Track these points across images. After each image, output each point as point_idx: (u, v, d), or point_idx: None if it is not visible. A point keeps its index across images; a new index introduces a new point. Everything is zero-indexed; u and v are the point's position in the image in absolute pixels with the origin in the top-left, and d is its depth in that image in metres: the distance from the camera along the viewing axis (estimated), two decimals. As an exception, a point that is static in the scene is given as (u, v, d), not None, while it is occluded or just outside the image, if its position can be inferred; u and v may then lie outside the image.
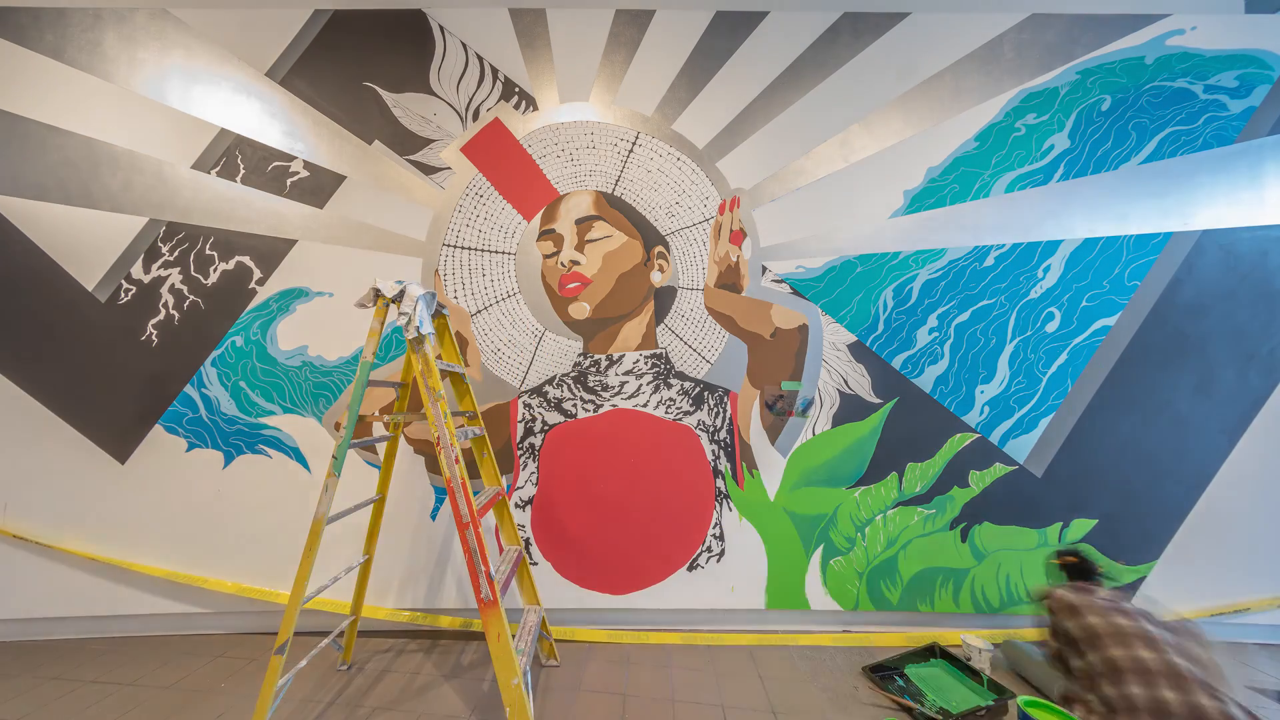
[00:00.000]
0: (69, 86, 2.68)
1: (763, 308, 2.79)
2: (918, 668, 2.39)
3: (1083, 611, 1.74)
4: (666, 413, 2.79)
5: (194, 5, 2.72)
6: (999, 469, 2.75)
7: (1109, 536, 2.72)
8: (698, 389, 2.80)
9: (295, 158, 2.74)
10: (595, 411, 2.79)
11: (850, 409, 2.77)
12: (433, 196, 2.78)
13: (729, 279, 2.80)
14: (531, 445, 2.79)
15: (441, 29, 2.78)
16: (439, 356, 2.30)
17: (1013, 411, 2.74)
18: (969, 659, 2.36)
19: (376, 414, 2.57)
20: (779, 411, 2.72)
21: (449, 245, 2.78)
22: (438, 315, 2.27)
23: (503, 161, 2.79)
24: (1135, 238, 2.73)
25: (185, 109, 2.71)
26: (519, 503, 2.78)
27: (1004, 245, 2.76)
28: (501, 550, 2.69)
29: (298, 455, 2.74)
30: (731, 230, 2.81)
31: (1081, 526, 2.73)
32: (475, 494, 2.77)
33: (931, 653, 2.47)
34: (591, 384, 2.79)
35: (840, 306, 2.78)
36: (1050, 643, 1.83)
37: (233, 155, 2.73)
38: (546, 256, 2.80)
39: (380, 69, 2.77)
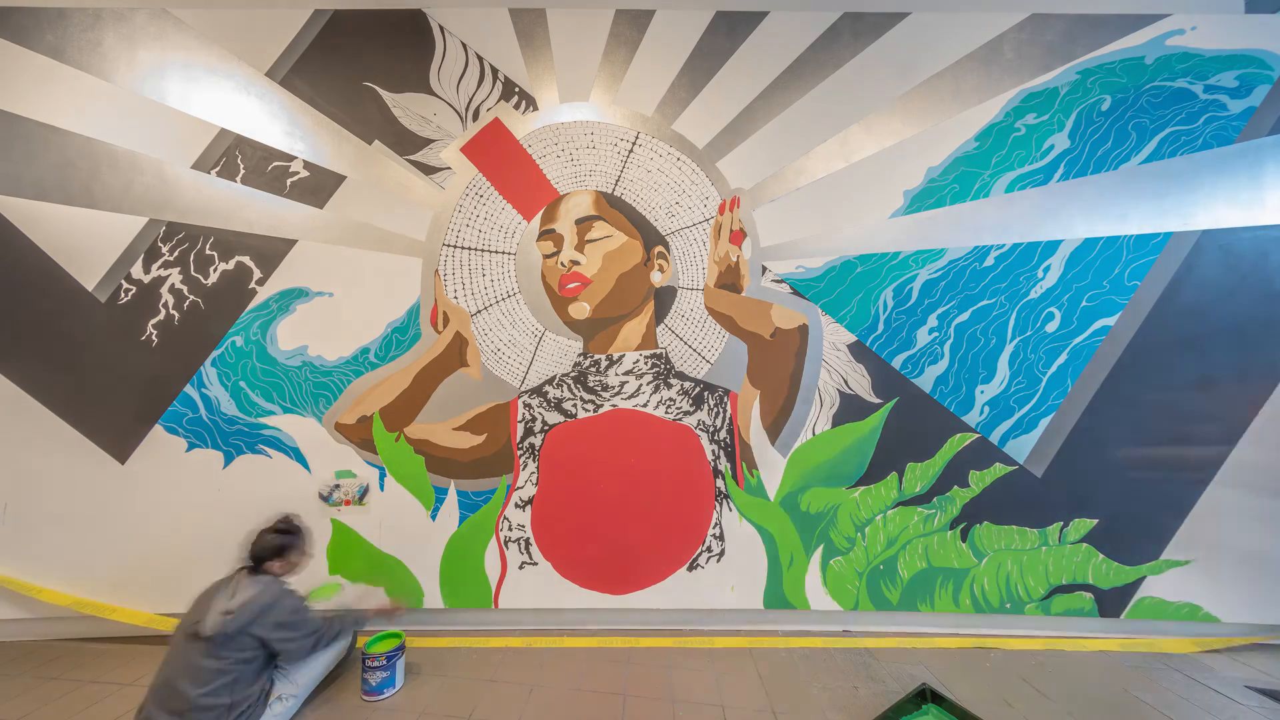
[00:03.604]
0: (69, 86, 2.68)
1: (763, 308, 2.79)
2: (912, 719, 2.11)
3: None
4: (666, 413, 2.79)
5: (194, 5, 2.72)
6: (999, 469, 2.74)
7: (1109, 536, 2.72)
8: (698, 389, 2.80)
9: (295, 158, 2.74)
10: (595, 411, 2.79)
11: (850, 409, 2.77)
12: (433, 196, 2.78)
13: (729, 279, 2.80)
14: (531, 445, 2.79)
15: (441, 29, 2.78)
16: None
17: (1013, 411, 2.74)
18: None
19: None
20: (335, 502, 2.72)
21: (449, 245, 2.78)
22: None
23: (503, 161, 2.79)
24: (1135, 238, 2.73)
25: (185, 109, 2.71)
26: (519, 503, 2.78)
27: (1004, 245, 2.76)
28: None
29: (298, 455, 2.74)
30: (731, 230, 2.81)
31: (1082, 526, 2.73)
32: (477, 495, 2.78)
33: (923, 697, 2.19)
34: (591, 384, 2.79)
35: (840, 306, 2.78)
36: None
37: (233, 155, 2.73)
38: (546, 256, 2.80)
39: (380, 69, 2.77)
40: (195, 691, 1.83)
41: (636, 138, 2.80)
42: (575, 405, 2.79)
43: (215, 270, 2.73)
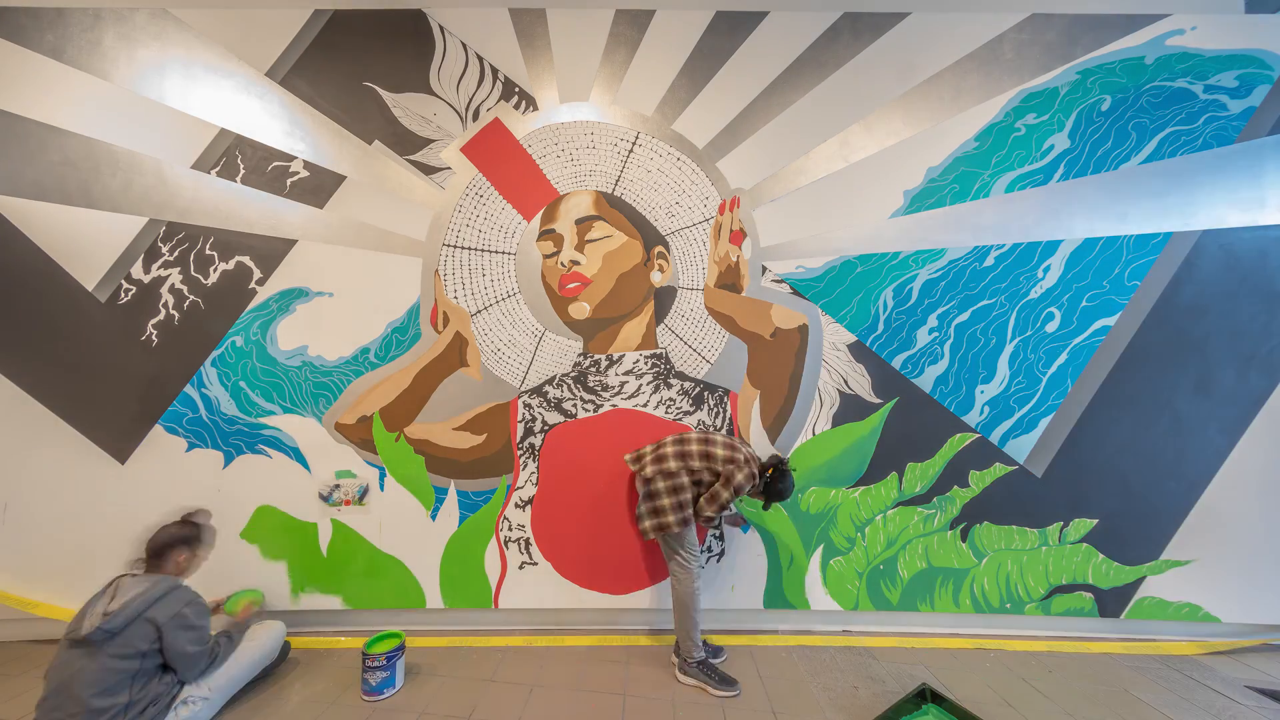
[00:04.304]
0: (69, 86, 2.68)
1: (763, 308, 2.79)
2: (912, 719, 2.10)
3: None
4: (666, 413, 2.79)
5: (194, 5, 2.72)
6: (999, 469, 2.75)
7: (1109, 536, 2.72)
8: (698, 389, 2.80)
9: (295, 158, 2.74)
10: (595, 411, 2.79)
11: (850, 409, 2.77)
12: (433, 196, 2.78)
13: (729, 279, 2.80)
14: (531, 445, 2.79)
15: (441, 29, 2.78)
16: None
17: (1013, 411, 2.74)
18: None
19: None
20: (335, 502, 2.72)
21: (449, 245, 2.78)
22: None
23: (503, 161, 2.79)
24: (1135, 238, 2.73)
25: (185, 109, 2.71)
26: (519, 503, 2.78)
27: (1004, 245, 2.76)
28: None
29: (298, 455, 2.74)
30: (731, 230, 2.81)
31: (1082, 526, 2.73)
32: (477, 495, 2.78)
33: (923, 697, 2.17)
34: (591, 384, 2.79)
35: (840, 306, 2.79)
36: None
37: (233, 155, 2.73)
38: (546, 256, 2.80)
39: (380, 69, 2.77)
40: (88, 693, 1.72)
41: (636, 138, 2.80)
42: (575, 405, 2.79)
43: (215, 270, 2.73)
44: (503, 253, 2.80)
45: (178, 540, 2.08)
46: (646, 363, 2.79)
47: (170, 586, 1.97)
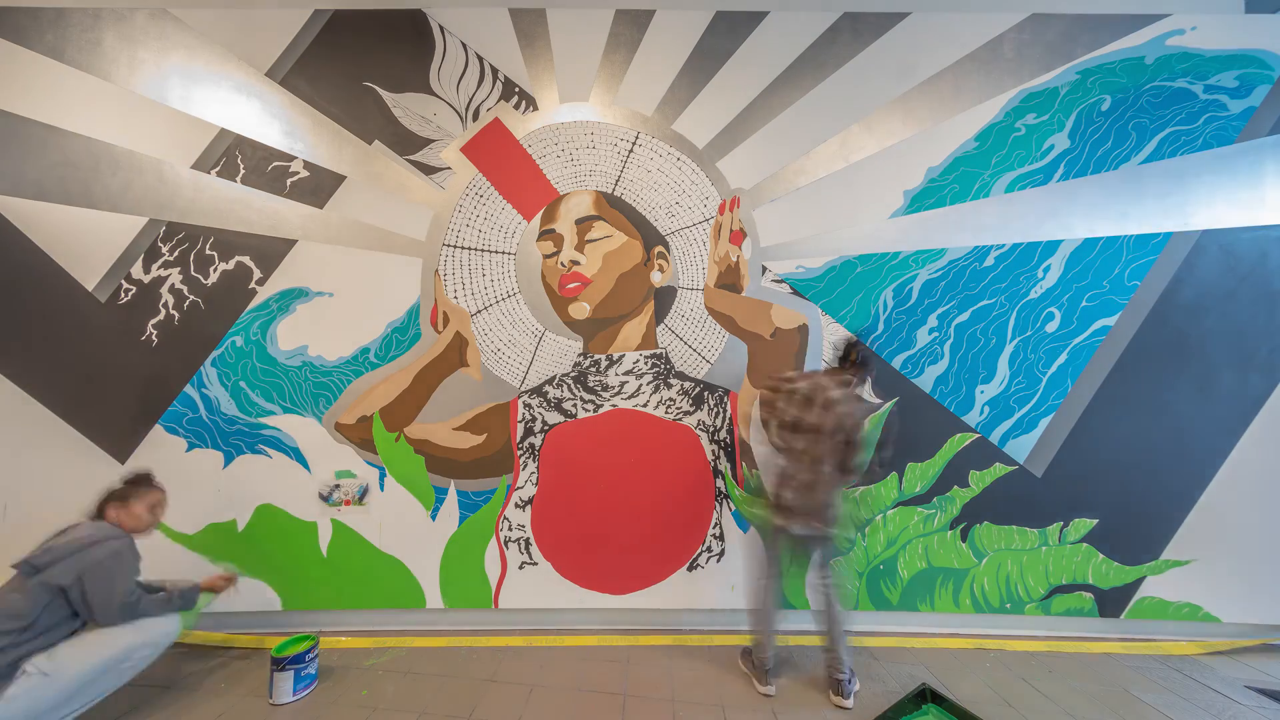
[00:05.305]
0: (69, 86, 2.68)
1: (763, 308, 2.79)
2: (912, 719, 2.10)
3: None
4: (666, 413, 2.79)
5: (194, 5, 2.72)
6: (999, 469, 2.74)
7: (1109, 536, 2.72)
8: (698, 389, 2.80)
9: (295, 158, 2.74)
10: (595, 411, 2.79)
11: (850, 409, 2.76)
12: (433, 196, 2.78)
13: (729, 279, 2.80)
14: (531, 445, 2.79)
15: (441, 29, 2.78)
16: None
17: (1013, 411, 2.74)
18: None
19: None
20: (335, 502, 2.72)
21: (449, 245, 2.78)
22: None
23: (503, 161, 2.79)
24: (1135, 238, 2.73)
25: (185, 109, 2.71)
26: (519, 503, 2.78)
27: (1004, 245, 2.76)
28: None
29: (298, 455, 2.74)
30: (731, 230, 2.81)
31: (1082, 526, 2.73)
32: (477, 495, 2.78)
33: (923, 697, 2.17)
34: (591, 384, 2.79)
35: (840, 306, 2.78)
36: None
37: (233, 155, 2.73)
38: (546, 256, 2.80)
39: (380, 69, 2.77)
40: (2, 613, 1.76)
41: (636, 138, 2.80)
42: (575, 405, 2.79)
43: (215, 270, 2.73)
44: (503, 253, 2.80)
45: (118, 495, 2.13)
46: (646, 363, 2.79)
47: (104, 535, 1.97)
